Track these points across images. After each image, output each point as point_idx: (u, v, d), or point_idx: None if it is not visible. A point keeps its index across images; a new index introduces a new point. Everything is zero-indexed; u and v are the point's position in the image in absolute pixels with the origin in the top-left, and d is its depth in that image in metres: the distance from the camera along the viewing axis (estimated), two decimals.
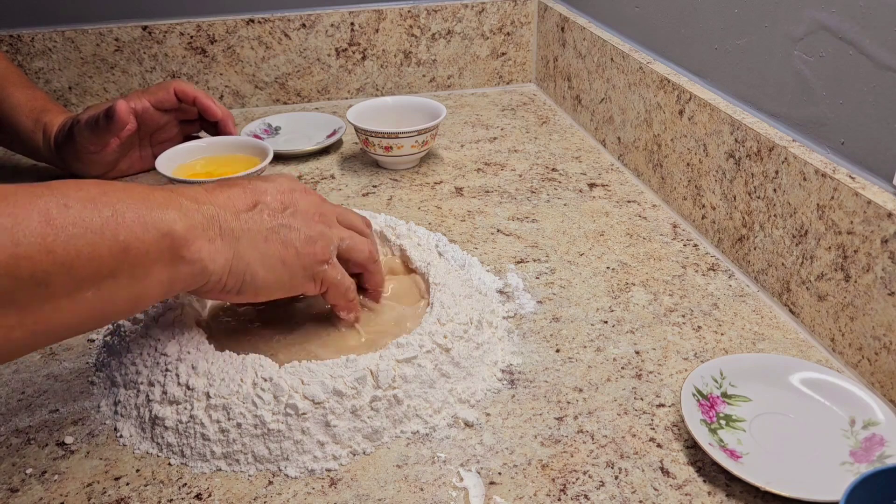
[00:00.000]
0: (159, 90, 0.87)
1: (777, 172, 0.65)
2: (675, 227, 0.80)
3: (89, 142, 0.83)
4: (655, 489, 0.49)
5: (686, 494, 0.49)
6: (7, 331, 0.41)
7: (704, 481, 0.50)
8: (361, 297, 0.62)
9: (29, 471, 0.52)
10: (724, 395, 0.55)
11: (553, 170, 0.93)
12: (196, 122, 0.93)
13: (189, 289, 0.50)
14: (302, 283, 0.55)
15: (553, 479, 0.50)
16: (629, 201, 0.85)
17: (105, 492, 0.50)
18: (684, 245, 0.76)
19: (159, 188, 0.50)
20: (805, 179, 0.62)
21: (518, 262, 0.74)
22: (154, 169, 0.84)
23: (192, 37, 1.08)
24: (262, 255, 0.52)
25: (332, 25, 1.12)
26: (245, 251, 0.51)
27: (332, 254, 0.56)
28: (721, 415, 0.53)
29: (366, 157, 0.97)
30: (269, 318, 0.61)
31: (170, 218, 0.47)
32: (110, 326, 0.63)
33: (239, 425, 0.51)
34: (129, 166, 0.91)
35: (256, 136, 0.99)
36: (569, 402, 0.56)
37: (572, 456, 0.52)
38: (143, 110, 0.86)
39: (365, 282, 0.62)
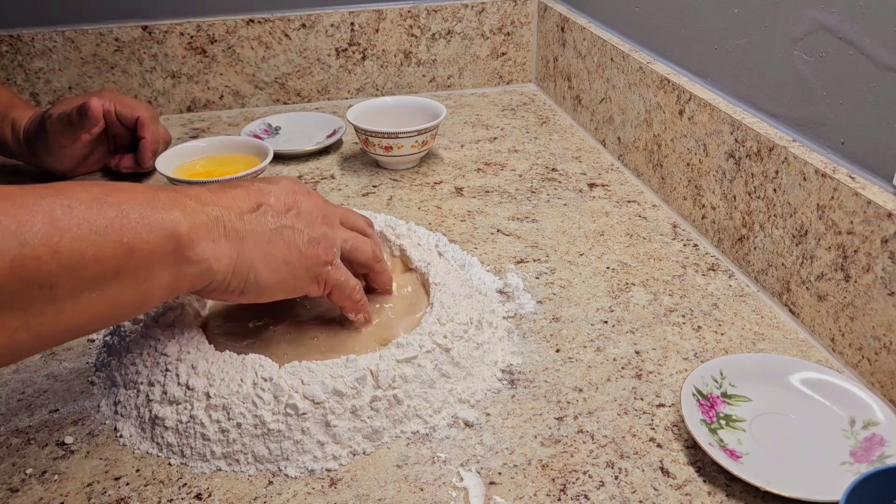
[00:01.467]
0: (128, 109, 0.87)
1: (777, 172, 0.65)
2: (675, 227, 0.80)
3: (61, 135, 0.84)
4: (655, 489, 0.49)
5: (686, 494, 0.49)
6: (11, 332, 0.41)
7: (704, 481, 0.50)
8: (370, 296, 0.62)
9: (29, 471, 0.52)
10: (724, 395, 0.55)
11: (553, 170, 0.93)
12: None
13: (193, 289, 0.50)
14: (305, 283, 0.55)
15: (553, 479, 0.50)
16: (629, 201, 0.85)
17: (105, 492, 0.50)
18: (684, 245, 0.76)
19: (164, 188, 0.50)
20: (805, 179, 0.62)
21: (518, 262, 0.74)
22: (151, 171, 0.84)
23: (192, 37, 1.08)
24: (266, 255, 0.52)
25: (332, 25, 1.12)
26: (249, 252, 0.51)
27: (335, 255, 0.56)
28: (721, 415, 0.53)
29: (366, 157, 0.97)
30: (269, 318, 0.61)
31: (174, 218, 0.47)
32: (110, 326, 0.63)
33: (239, 425, 0.51)
34: (98, 160, 0.91)
35: (256, 136, 0.99)
36: (569, 402, 0.56)
37: (572, 456, 0.52)
38: (109, 113, 0.86)
39: (371, 282, 0.62)
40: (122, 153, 0.90)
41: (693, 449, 0.52)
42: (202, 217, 0.49)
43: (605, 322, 0.65)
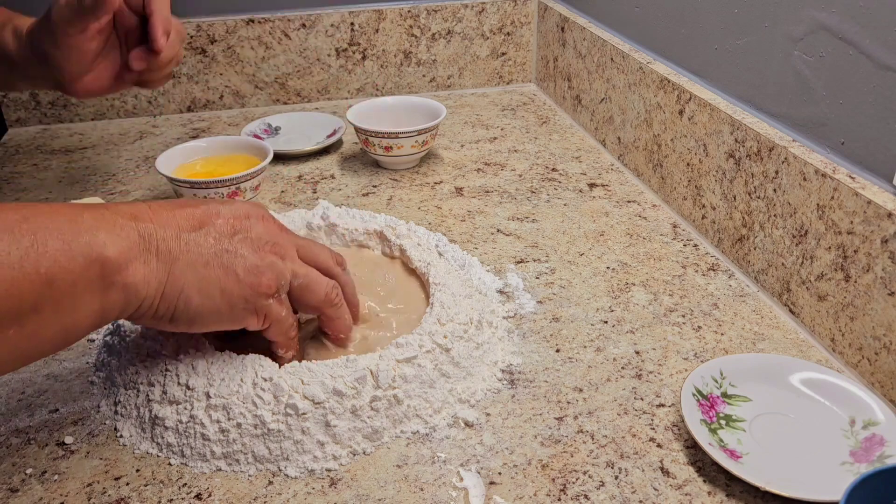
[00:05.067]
0: None
1: (777, 172, 0.65)
2: (675, 227, 0.80)
3: (68, 23, 0.70)
4: (655, 489, 0.49)
5: (686, 494, 0.49)
6: None
7: (704, 481, 0.50)
8: (323, 339, 0.58)
9: (29, 471, 0.52)
10: (724, 395, 0.55)
11: (553, 170, 0.93)
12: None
13: (123, 316, 0.47)
14: (242, 315, 0.50)
15: (553, 479, 0.50)
16: (629, 201, 0.85)
17: (105, 492, 0.50)
18: (684, 245, 0.76)
19: (92, 206, 0.46)
20: (805, 179, 0.62)
21: (518, 262, 0.74)
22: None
23: (192, 37, 1.08)
24: (200, 279, 0.48)
25: (332, 25, 1.12)
26: (181, 274, 0.47)
27: (281, 288, 0.51)
28: (721, 415, 0.53)
29: (366, 157, 0.97)
30: None
31: (99, 241, 0.43)
32: (110, 326, 0.63)
33: (239, 425, 0.51)
34: (110, 68, 0.74)
35: (256, 136, 0.99)
36: (569, 402, 0.56)
37: (572, 456, 0.52)
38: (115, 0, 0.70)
39: (323, 326, 0.57)
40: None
41: (693, 449, 0.52)
42: (133, 236, 0.45)
43: (605, 322, 0.65)
